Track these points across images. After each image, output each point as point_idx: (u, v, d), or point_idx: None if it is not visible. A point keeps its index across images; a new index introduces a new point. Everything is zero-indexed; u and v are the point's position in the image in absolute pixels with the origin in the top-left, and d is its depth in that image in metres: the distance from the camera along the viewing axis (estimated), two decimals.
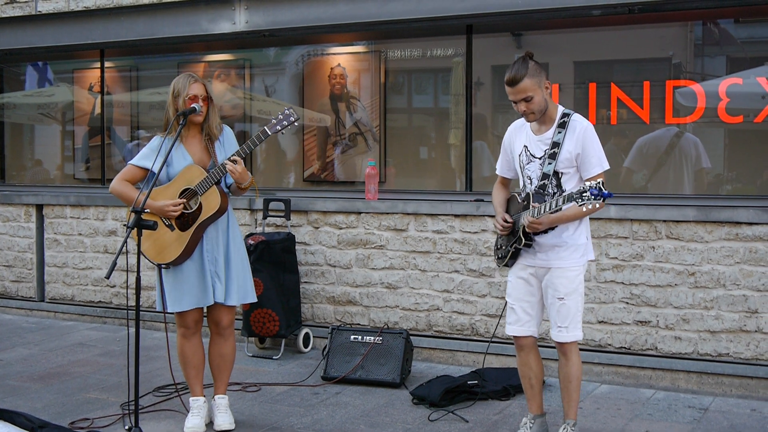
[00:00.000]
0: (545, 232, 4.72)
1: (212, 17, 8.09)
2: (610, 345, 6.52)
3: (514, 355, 5.09)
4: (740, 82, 6.55)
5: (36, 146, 10.30)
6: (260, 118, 8.58)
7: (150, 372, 6.67)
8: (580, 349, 6.53)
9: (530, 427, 5.02)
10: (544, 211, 4.55)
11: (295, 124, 5.23)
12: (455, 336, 7.05)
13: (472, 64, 7.37)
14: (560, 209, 4.51)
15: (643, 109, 6.80)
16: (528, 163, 4.82)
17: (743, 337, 6.15)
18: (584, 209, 4.33)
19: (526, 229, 4.68)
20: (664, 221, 6.34)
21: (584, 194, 4.27)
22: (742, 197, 6.48)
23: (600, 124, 7.01)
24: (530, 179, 4.81)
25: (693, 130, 6.85)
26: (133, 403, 4.97)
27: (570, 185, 4.71)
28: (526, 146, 4.84)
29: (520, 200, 4.83)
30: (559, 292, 4.74)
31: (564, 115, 4.75)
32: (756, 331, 6.11)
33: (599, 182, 4.27)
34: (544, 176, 4.71)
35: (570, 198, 4.36)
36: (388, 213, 7.26)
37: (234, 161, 5.08)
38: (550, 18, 7.01)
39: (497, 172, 5.13)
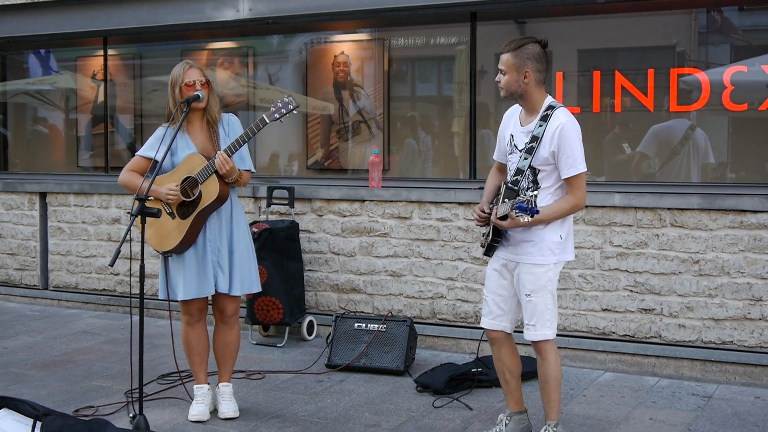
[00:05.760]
0: None
1: (216, 5, 8.07)
2: (614, 333, 6.53)
3: (516, 343, 5.03)
4: (745, 70, 6.53)
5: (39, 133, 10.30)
6: (263, 107, 8.55)
7: (154, 360, 6.69)
8: (584, 336, 6.60)
9: (506, 424, 4.92)
10: (500, 213, 4.44)
11: (294, 112, 5.20)
12: (459, 324, 7.06)
13: (475, 52, 7.35)
14: (511, 214, 4.37)
15: (647, 97, 6.79)
16: (511, 153, 4.69)
17: (747, 324, 6.15)
18: (521, 221, 4.27)
19: (494, 222, 4.56)
20: (669, 209, 6.33)
21: (515, 207, 4.22)
22: (747, 185, 6.47)
23: (604, 112, 7.01)
24: (510, 171, 4.68)
25: (697, 118, 6.84)
26: (137, 390, 4.99)
27: (547, 183, 4.56)
28: (512, 135, 4.70)
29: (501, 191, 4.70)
30: (525, 289, 4.62)
31: (549, 107, 4.57)
32: (760, 318, 6.11)
33: (531, 197, 4.18)
34: (518, 171, 4.57)
35: (511, 207, 4.29)
36: (391, 201, 7.26)
37: (224, 157, 5.07)
38: (554, 5, 6.99)
39: (494, 157, 5.00)
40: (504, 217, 4.48)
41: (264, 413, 5.52)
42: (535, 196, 4.22)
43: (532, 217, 4.21)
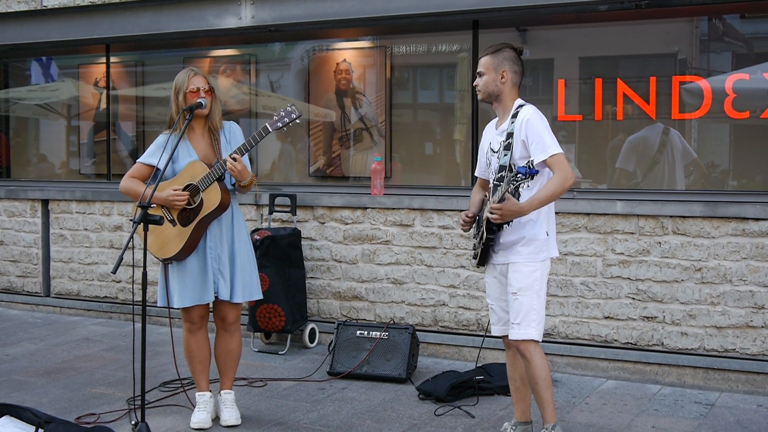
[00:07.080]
0: (507, 224, 4.60)
1: (218, 12, 8.08)
2: (616, 340, 6.52)
3: None
4: (747, 78, 6.53)
5: (41, 141, 10.31)
6: (265, 114, 8.57)
7: (156, 367, 6.69)
8: (586, 344, 6.59)
9: None
10: (503, 192, 4.41)
11: (297, 121, 5.21)
12: (461, 331, 7.05)
13: (477, 59, 7.35)
14: (516, 190, 4.43)
15: (649, 104, 6.79)
16: (491, 158, 4.82)
17: (750, 332, 6.14)
18: (523, 186, 4.42)
19: (488, 215, 4.54)
20: (671, 217, 6.33)
21: (518, 175, 4.33)
22: (749, 193, 6.47)
23: (606, 119, 7.01)
24: (494, 171, 4.77)
25: (699, 126, 6.84)
26: (139, 398, 4.99)
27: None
28: (490, 142, 4.86)
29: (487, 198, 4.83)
30: (512, 287, 4.68)
31: (518, 106, 4.73)
32: (762, 326, 6.10)
33: (529, 161, 4.37)
34: (501, 168, 4.65)
35: (510, 181, 4.38)
36: (394, 208, 7.26)
37: (234, 159, 5.08)
38: (556, 13, 6.99)
39: (476, 173, 5.08)
40: (501, 202, 4.47)
41: (266, 421, 5.51)
42: (532, 160, 4.42)
43: (532, 178, 4.35)
